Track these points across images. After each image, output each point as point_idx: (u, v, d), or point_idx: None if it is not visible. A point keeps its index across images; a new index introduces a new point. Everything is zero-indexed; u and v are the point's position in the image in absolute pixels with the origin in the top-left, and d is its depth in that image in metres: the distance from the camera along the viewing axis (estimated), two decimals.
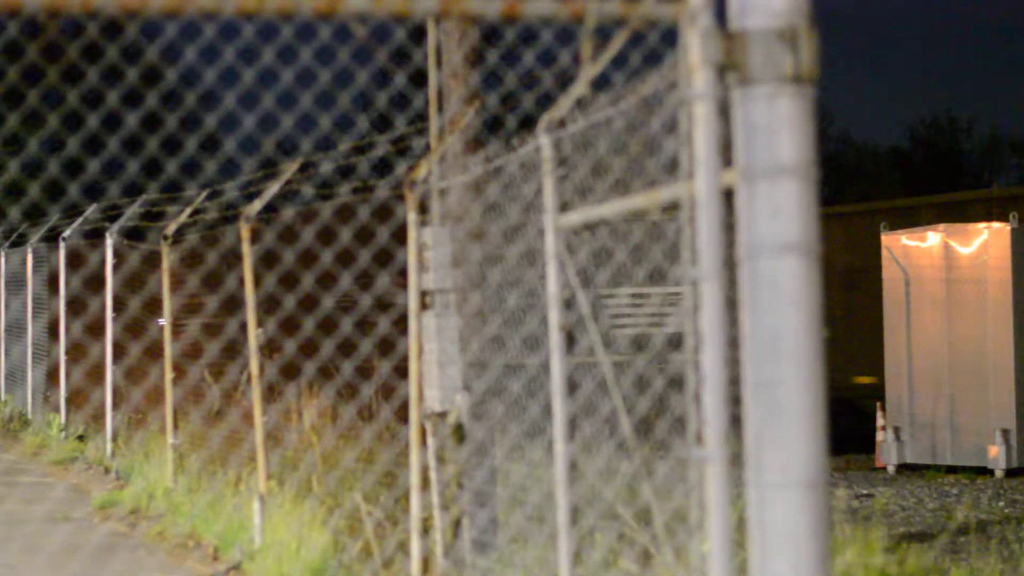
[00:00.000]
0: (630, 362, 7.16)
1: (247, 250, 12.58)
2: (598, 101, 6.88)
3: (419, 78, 12.18)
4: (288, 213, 12.99)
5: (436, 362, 9.54)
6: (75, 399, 21.28)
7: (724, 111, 4.32)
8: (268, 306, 12.78)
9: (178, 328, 15.80)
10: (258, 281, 12.45)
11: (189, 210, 15.53)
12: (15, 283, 26.07)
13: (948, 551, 13.10)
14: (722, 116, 4.34)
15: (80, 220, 21.63)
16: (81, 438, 20.37)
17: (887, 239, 20.91)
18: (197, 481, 14.23)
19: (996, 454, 19.56)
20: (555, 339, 7.07)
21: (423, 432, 9.60)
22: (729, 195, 4.32)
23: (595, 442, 7.46)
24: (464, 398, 9.47)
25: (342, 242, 10.51)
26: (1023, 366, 19.67)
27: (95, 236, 21.44)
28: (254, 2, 4.21)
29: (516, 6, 4.36)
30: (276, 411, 12.64)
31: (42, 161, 46.57)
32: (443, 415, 9.53)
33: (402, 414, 10.28)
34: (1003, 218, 20.18)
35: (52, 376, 22.71)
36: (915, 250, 20.60)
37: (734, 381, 4.31)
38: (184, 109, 44.80)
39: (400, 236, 9.97)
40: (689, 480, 5.12)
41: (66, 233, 21.73)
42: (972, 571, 11.35)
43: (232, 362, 14.00)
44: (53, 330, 22.78)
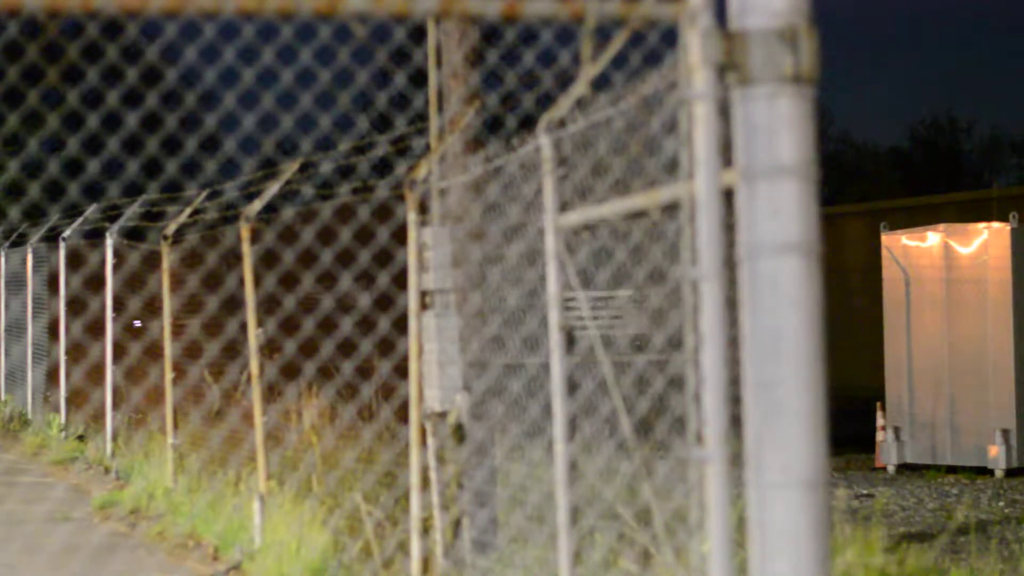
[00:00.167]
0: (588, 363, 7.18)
1: (247, 250, 12.57)
2: (598, 101, 6.88)
3: (419, 78, 12.18)
4: (288, 213, 12.99)
5: (436, 362, 9.54)
6: (75, 399, 21.27)
7: (724, 111, 4.32)
8: (268, 306, 12.78)
9: (178, 328, 15.79)
10: (258, 281, 12.44)
11: (189, 210, 15.53)
12: (15, 283, 26.06)
13: (948, 551, 13.10)
14: (722, 116, 4.34)
15: (80, 220, 21.62)
16: (81, 438, 20.36)
17: (887, 239, 20.90)
18: (197, 481, 14.23)
19: (996, 454, 19.55)
20: (555, 339, 7.07)
21: (423, 432, 9.60)
22: (729, 195, 4.32)
23: (595, 442, 7.46)
24: (464, 398, 9.47)
25: (342, 242, 10.51)
26: (1023, 366, 19.66)
27: (95, 236, 21.43)
28: (254, 2, 4.21)
29: (516, 6, 4.36)
30: (276, 411, 12.64)
31: (42, 161, 46.55)
32: (443, 415, 9.53)
33: (402, 414, 10.28)
34: (1003, 218, 20.18)
35: (52, 376, 22.70)
36: (915, 250, 20.60)
37: (734, 381, 4.31)
38: (184, 109, 44.78)
39: (400, 236, 9.97)
40: (689, 480, 5.12)
41: (66, 233, 21.72)
42: (972, 571, 11.35)
43: (232, 362, 14.00)
44: (53, 330, 22.77)
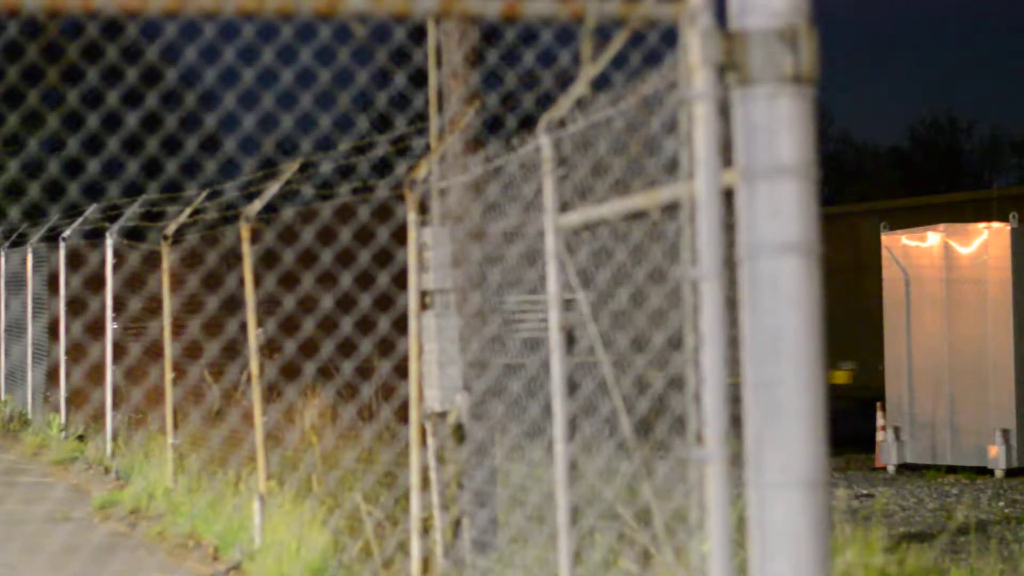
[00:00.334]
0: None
1: (247, 250, 12.57)
2: (598, 101, 6.88)
3: (419, 78, 12.18)
4: (288, 213, 12.99)
5: (436, 362, 9.54)
6: (75, 399, 21.27)
7: (724, 111, 4.32)
8: (268, 306, 12.78)
9: (178, 328, 15.79)
10: (258, 281, 12.45)
11: (189, 210, 15.53)
12: (15, 283, 26.06)
13: (948, 551, 13.10)
14: (722, 116, 4.33)
15: (80, 220, 21.62)
16: (81, 438, 20.36)
17: (887, 239, 20.90)
18: (197, 481, 14.23)
19: (996, 454, 19.56)
20: (555, 339, 7.07)
21: (423, 432, 9.60)
22: (729, 195, 4.32)
23: (595, 442, 7.46)
24: (464, 398, 9.47)
25: (342, 242, 10.51)
26: (1023, 366, 19.66)
27: (95, 236, 21.43)
28: (254, 2, 4.21)
29: (516, 6, 4.36)
30: (276, 411, 12.64)
31: (42, 161, 46.56)
32: (443, 415, 9.53)
33: (402, 414, 10.28)
34: (1003, 218, 20.18)
35: (52, 376, 22.70)
36: (915, 250, 20.60)
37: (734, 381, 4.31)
38: (184, 109, 44.80)
39: (400, 236, 9.97)
40: (689, 480, 5.12)
41: (66, 233, 21.72)
42: (972, 571, 11.35)
43: (232, 362, 14.00)
44: (53, 330, 22.77)
